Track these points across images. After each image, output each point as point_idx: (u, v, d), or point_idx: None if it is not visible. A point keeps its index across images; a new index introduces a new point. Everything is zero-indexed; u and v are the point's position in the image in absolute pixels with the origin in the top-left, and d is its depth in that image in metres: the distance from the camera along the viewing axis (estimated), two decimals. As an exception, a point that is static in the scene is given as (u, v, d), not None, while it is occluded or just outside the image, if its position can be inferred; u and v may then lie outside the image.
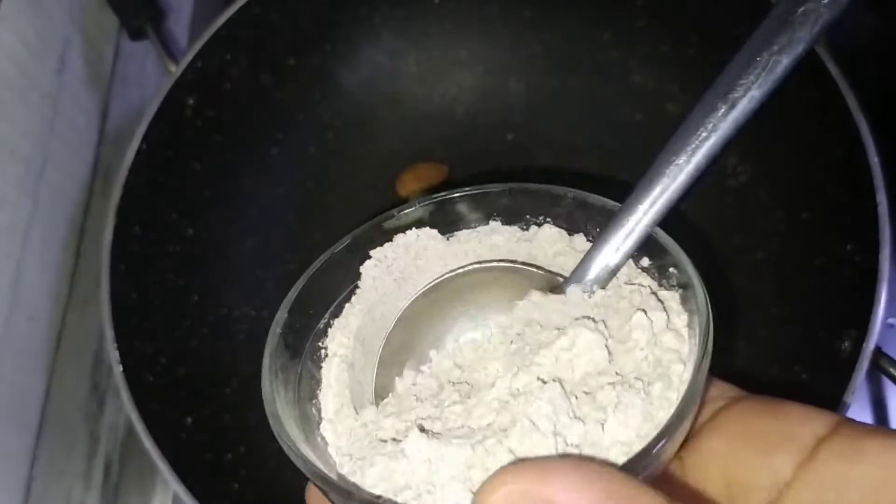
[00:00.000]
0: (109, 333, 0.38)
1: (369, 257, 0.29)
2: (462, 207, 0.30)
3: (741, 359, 0.41)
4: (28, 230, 0.41)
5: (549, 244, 0.29)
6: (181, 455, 0.36)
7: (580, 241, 0.29)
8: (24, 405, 0.41)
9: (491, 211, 0.30)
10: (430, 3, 0.48)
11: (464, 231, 0.30)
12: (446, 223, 0.30)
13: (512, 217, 0.30)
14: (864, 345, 0.34)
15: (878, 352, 0.34)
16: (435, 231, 0.29)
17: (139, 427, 0.36)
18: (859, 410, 0.41)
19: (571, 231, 0.29)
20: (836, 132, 0.37)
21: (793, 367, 0.38)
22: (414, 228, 0.29)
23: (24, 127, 0.42)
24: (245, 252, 0.46)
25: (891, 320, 0.42)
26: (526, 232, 0.29)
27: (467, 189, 0.29)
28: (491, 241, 0.29)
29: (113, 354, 0.37)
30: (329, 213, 0.49)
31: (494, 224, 0.30)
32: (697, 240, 0.44)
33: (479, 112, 0.50)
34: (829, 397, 0.34)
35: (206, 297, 0.44)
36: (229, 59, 0.44)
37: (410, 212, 0.29)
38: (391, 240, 0.29)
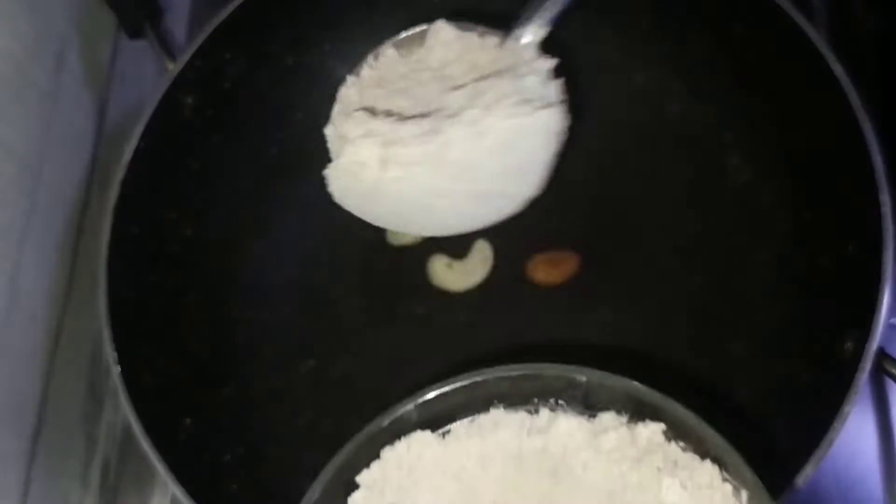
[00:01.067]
0: (107, 334, 0.38)
1: (357, 487, 0.26)
2: (457, 399, 0.27)
3: (743, 359, 0.41)
4: (25, 230, 0.41)
5: (568, 437, 0.26)
6: (179, 456, 0.36)
7: (605, 420, 0.27)
8: (21, 406, 0.40)
9: (490, 397, 0.27)
10: (430, 4, 0.48)
11: (461, 423, 0.27)
12: (440, 418, 0.27)
13: (516, 401, 0.27)
14: (867, 346, 0.34)
15: (881, 353, 0.34)
16: (427, 433, 0.27)
17: (137, 428, 0.36)
18: (862, 412, 0.41)
19: (591, 413, 0.27)
20: (839, 132, 0.37)
21: (795, 367, 0.38)
22: (403, 438, 0.26)
23: (21, 126, 0.42)
24: (244, 252, 0.46)
25: (894, 321, 0.42)
26: (536, 417, 0.27)
27: (462, 379, 0.26)
28: (496, 437, 0.26)
29: (111, 355, 0.37)
30: (329, 212, 0.48)
31: (496, 412, 0.27)
32: (699, 240, 0.44)
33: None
34: (831, 398, 0.34)
35: (204, 297, 0.43)
36: (228, 57, 0.44)
37: (398, 417, 0.26)
38: (379, 456, 0.26)
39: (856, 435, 0.41)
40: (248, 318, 0.45)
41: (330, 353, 0.45)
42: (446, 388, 0.26)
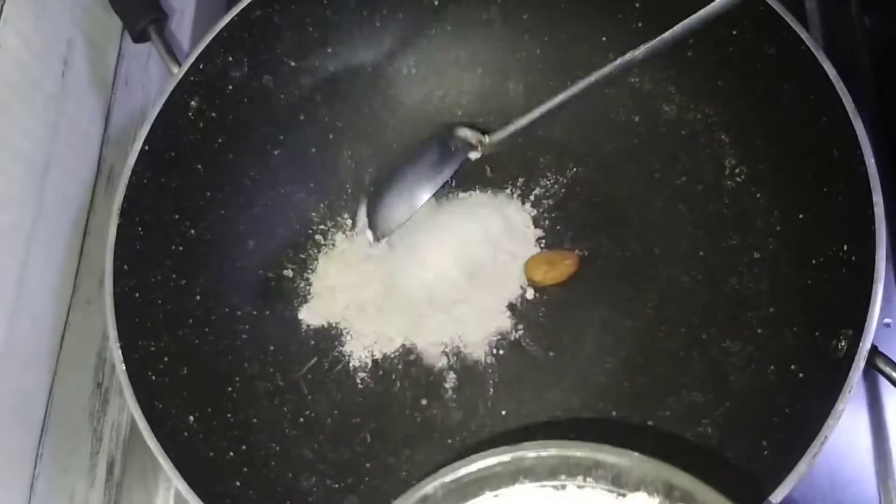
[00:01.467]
0: (112, 333, 0.38)
1: None
2: (483, 473, 0.27)
3: (738, 359, 0.41)
4: (32, 231, 0.42)
5: None
6: (183, 453, 0.37)
7: (634, 502, 0.26)
8: (28, 404, 0.41)
9: (517, 472, 0.27)
10: (430, 6, 0.48)
11: (486, 497, 0.27)
12: (466, 493, 0.27)
13: (543, 476, 0.27)
14: (861, 344, 0.34)
15: (874, 351, 0.34)
16: None
17: (142, 425, 0.36)
18: (855, 409, 0.42)
19: (620, 493, 0.26)
20: (832, 133, 0.38)
21: (789, 366, 0.38)
22: None
23: (27, 128, 0.42)
24: (247, 252, 0.46)
25: (887, 320, 0.42)
26: (562, 493, 0.27)
27: (488, 455, 0.26)
28: None
29: (116, 353, 0.38)
30: (331, 213, 0.49)
31: (522, 487, 0.27)
32: (695, 240, 0.45)
33: (479, 113, 0.50)
34: (825, 396, 0.34)
35: (208, 296, 0.44)
36: (231, 61, 0.45)
37: (423, 495, 0.26)
38: None
39: (849, 432, 0.41)
40: (251, 317, 0.45)
41: (331, 351, 0.45)
42: (472, 467, 0.27)
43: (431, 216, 0.47)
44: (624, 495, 0.27)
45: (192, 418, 0.40)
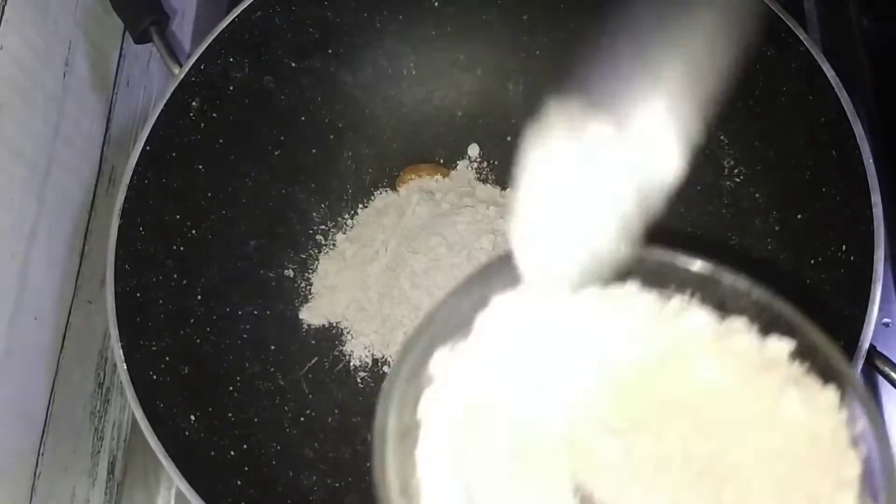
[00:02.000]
0: (114, 332, 0.38)
1: (488, 304, 0.26)
2: (598, 262, 0.27)
3: (738, 358, 0.41)
4: (33, 231, 0.42)
5: (692, 331, 0.26)
6: (185, 452, 0.37)
7: (735, 325, 0.26)
8: (29, 403, 0.41)
9: (629, 272, 0.27)
10: (431, 7, 0.48)
11: (595, 288, 0.27)
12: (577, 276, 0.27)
13: (653, 282, 0.27)
14: (859, 344, 0.34)
15: (873, 351, 0.34)
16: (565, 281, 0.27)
17: (143, 425, 0.36)
18: (854, 409, 0.42)
19: (722, 315, 0.26)
20: (831, 133, 0.38)
21: (788, 365, 0.38)
22: (543, 275, 0.26)
23: (29, 129, 0.42)
24: (248, 252, 0.46)
25: (886, 320, 0.43)
26: (666, 303, 0.26)
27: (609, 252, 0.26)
28: (622, 308, 0.26)
29: (117, 353, 0.38)
30: (332, 214, 0.49)
31: (630, 287, 0.27)
32: (693, 240, 0.45)
33: (479, 114, 0.50)
34: (823, 395, 0.34)
35: (209, 296, 0.44)
36: (232, 62, 0.45)
37: (545, 258, 0.26)
38: (515, 286, 0.27)
39: (848, 432, 0.41)
40: (252, 316, 0.45)
41: (332, 350, 0.45)
42: (588, 252, 0.26)
43: (436, 217, 0.47)
44: (724, 318, 0.26)
45: (193, 417, 0.40)
